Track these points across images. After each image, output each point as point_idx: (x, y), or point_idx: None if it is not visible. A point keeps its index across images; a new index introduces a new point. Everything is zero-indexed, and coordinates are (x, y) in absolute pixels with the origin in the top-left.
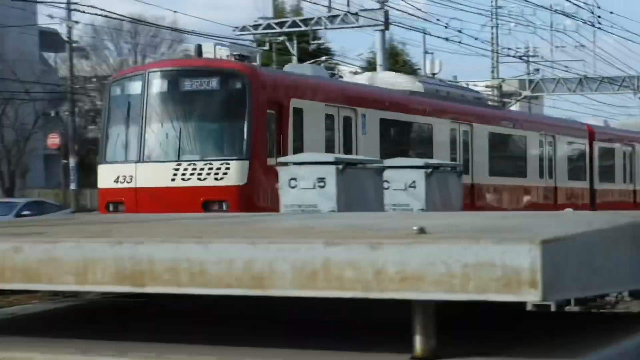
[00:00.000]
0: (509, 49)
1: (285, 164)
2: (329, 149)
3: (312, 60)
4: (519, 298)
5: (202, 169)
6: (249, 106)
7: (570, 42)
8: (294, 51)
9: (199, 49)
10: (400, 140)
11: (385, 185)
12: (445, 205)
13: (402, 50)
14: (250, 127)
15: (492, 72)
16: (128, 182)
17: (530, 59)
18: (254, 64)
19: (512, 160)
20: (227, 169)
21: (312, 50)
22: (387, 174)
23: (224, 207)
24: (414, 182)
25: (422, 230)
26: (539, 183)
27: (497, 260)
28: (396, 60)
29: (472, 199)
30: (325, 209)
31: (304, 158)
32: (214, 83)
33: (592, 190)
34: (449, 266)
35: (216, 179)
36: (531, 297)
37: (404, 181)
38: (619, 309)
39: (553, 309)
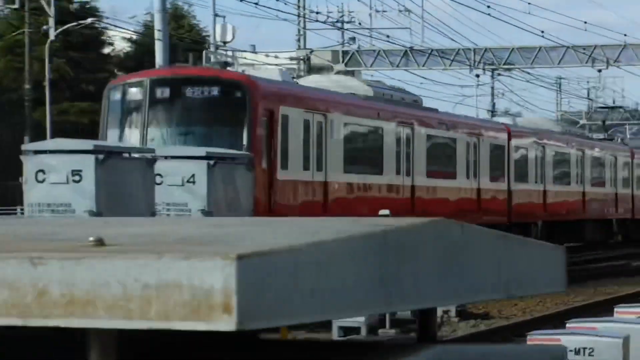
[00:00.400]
0: (319, 13)
1: (33, 152)
2: (306, 152)
3: (76, 23)
4: (211, 326)
5: None
6: (250, 115)
7: (393, 6)
8: (51, 11)
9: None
10: (359, 143)
11: (159, 179)
12: (232, 204)
13: (187, 12)
14: (251, 135)
15: (298, 41)
16: None
17: (345, 26)
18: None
19: (445, 162)
20: None
21: (74, 11)
22: (161, 165)
23: None
24: (193, 176)
25: (100, 242)
26: (466, 185)
27: (184, 280)
28: (180, 25)
29: (412, 201)
30: (81, 210)
31: (56, 145)
32: (215, 92)
33: (509, 191)
34: (126, 287)
35: None
36: (224, 324)
37: (181, 175)
38: (443, 331)
39: (364, 333)
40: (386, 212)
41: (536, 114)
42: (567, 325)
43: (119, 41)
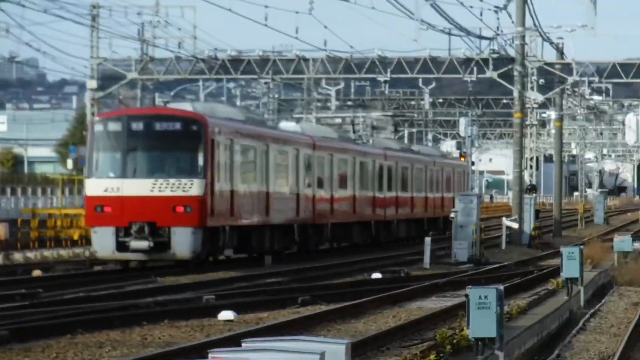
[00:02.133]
0: None
1: None
2: (226, 170)
3: None
4: None
5: (173, 184)
6: (204, 143)
7: None
8: None
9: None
10: (250, 162)
11: None
12: None
13: None
14: (205, 157)
15: None
16: (115, 192)
17: None
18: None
19: (286, 172)
20: (191, 184)
21: None
22: None
23: (188, 210)
24: None
25: None
26: (294, 191)
27: None
28: None
29: (267, 207)
30: None
31: None
32: (178, 125)
33: (313, 196)
34: None
35: (184, 191)
36: None
37: None
38: None
39: None
40: None
41: (67, 64)
42: None
43: None
